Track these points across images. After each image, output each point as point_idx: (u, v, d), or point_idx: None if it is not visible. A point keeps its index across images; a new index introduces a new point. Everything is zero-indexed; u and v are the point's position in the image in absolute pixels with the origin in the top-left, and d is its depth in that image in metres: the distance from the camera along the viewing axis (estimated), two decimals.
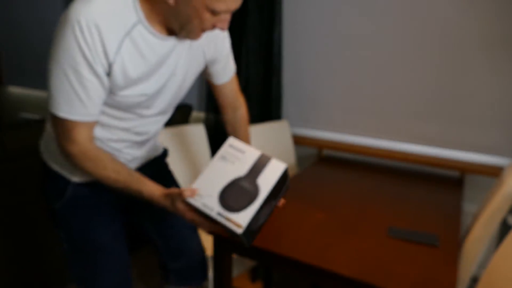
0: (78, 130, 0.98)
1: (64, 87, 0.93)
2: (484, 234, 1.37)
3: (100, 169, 1.00)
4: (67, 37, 0.89)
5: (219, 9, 0.93)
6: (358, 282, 1.07)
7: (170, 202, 1.01)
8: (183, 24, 0.97)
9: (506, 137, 2.02)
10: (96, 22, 0.89)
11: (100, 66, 0.93)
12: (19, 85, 4.14)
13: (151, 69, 1.03)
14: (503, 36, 1.94)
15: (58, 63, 0.91)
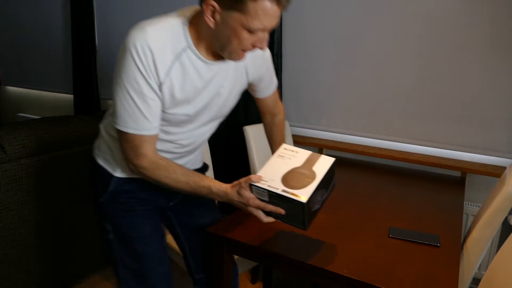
0: (146, 145, 1.08)
1: (129, 107, 1.04)
2: (486, 235, 1.36)
3: (172, 174, 1.10)
4: (127, 61, 1.01)
5: (255, 27, 0.99)
6: (358, 283, 1.06)
7: (237, 191, 1.09)
8: (224, 46, 1.05)
9: (507, 137, 2.01)
10: (150, 45, 1.00)
11: (155, 84, 1.04)
12: (17, 85, 4.13)
13: (196, 92, 1.12)
14: (503, 36, 1.93)
15: (122, 85, 1.03)
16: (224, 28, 1.01)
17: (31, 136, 1.82)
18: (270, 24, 1.01)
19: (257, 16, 0.97)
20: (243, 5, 0.95)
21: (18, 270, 1.85)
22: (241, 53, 1.07)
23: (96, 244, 2.20)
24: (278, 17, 1.01)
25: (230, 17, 0.98)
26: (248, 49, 1.06)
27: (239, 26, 0.99)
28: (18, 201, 1.79)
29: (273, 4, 0.97)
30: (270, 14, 0.98)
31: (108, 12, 3.29)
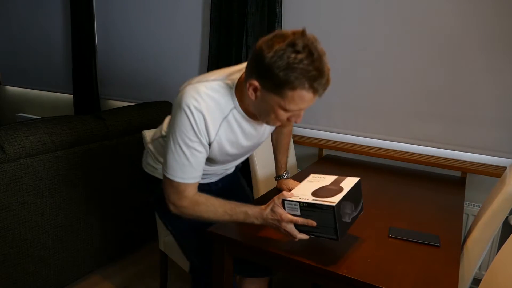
0: (189, 189, 1.21)
1: (180, 158, 1.17)
2: (486, 235, 1.36)
3: (210, 207, 1.21)
4: (182, 119, 1.15)
5: (291, 109, 1.10)
6: (358, 283, 1.06)
7: (270, 209, 1.17)
8: (262, 115, 1.19)
9: (508, 137, 2.01)
10: (202, 110, 1.15)
11: (205, 142, 1.19)
12: (17, 85, 4.13)
13: (240, 144, 1.30)
14: (503, 36, 1.93)
15: (175, 139, 1.17)
16: (264, 104, 1.12)
17: (30, 136, 1.81)
18: (307, 106, 1.11)
19: (294, 101, 1.07)
20: (281, 92, 1.06)
21: (18, 270, 1.84)
22: (277, 123, 1.20)
23: (96, 244, 2.20)
24: (313, 100, 1.10)
25: (270, 97, 1.09)
26: (284, 122, 1.19)
27: (277, 106, 1.10)
28: (17, 201, 1.79)
29: (309, 93, 1.06)
30: (306, 100, 1.08)
31: (108, 12, 3.29)
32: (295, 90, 1.04)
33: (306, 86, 1.04)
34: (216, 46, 2.65)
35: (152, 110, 2.46)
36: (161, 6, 3.00)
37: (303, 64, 1.02)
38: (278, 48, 1.02)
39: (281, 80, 1.03)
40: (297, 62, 1.02)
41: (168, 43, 3.03)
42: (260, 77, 1.08)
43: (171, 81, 3.08)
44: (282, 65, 1.02)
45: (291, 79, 1.03)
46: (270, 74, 1.04)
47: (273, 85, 1.06)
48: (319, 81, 1.06)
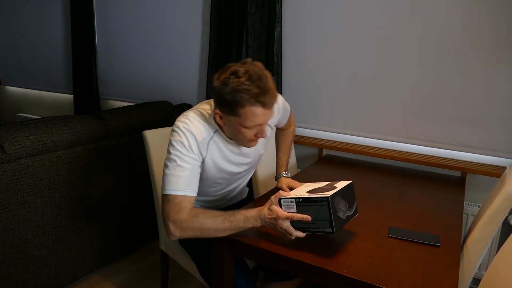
0: (185, 202, 1.26)
1: (176, 172, 1.27)
2: (486, 235, 1.36)
3: (209, 214, 1.25)
4: (175, 139, 1.29)
5: (250, 126, 1.25)
6: (358, 283, 1.06)
7: (268, 207, 1.22)
8: (233, 137, 1.35)
9: (507, 137, 2.01)
10: (193, 132, 1.30)
11: (197, 157, 1.32)
12: (17, 85, 4.13)
13: (233, 162, 1.43)
14: (504, 36, 1.93)
15: (172, 158, 1.28)
16: (230, 127, 1.30)
17: (31, 136, 1.81)
18: (262, 120, 1.26)
19: (248, 117, 1.23)
20: (235, 112, 1.23)
21: (18, 270, 1.84)
22: (249, 142, 1.34)
23: (96, 244, 2.20)
24: (268, 114, 1.26)
25: (230, 120, 1.27)
26: (253, 140, 1.33)
27: (238, 125, 1.27)
28: (18, 201, 1.79)
29: (258, 107, 1.22)
30: (258, 115, 1.23)
31: (108, 12, 3.29)
32: (244, 107, 1.21)
33: (252, 102, 1.20)
34: (216, 46, 2.65)
35: (152, 110, 2.46)
36: (161, 7, 3.00)
37: (244, 85, 1.19)
38: (223, 78, 1.23)
39: (230, 102, 1.22)
40: (239, 84, 1.19)
41: (168, 43, 3.03)
42: (218, 105, 1.27)
43: (171, 81, 3.08)
44: (228, 90, 1.21)
45: (237, 99, 1.20)
46: (222, 100, 1.23)
47: (228, 109, 1.24)
48: (263, 96, 1.20)
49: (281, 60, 2.48)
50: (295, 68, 2.50)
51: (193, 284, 2.21)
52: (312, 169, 2.05)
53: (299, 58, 2.48)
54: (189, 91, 2.99)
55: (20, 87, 4.12)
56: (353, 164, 2.19)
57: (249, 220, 1.23)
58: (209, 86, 2.73)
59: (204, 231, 1.24)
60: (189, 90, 3.00)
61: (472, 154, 2.11)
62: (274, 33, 2.43)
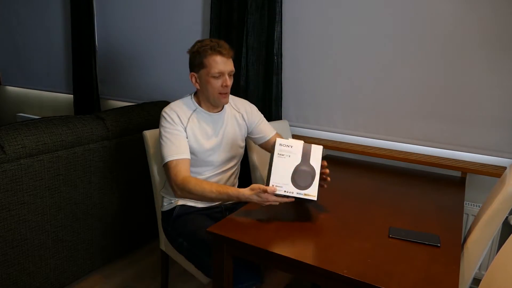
0: (180, 165, 1.54)
1: (166, 143, 1.57)
2: (486, 235, 1.36)
3: (199, 183, 1.50)
4: (161, 121, 1.62)
5: (215, 72, 1.57)
6: (358, 283, 1.06)
7: (256, 194, 1.38)
8: (208, 94, 1.63)
9: (508, 137, 2.01)
10: (175, 109, 1.63)
11: (181, 128, 1.61)
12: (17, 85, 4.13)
13: (209, 134, 1.67)
14: (503, 36, 1.93)
15: (162, 135, 1.59)
16: (202, 83, 1.62)
17: (31, 136, 1.81)
18: (224, 68, 1.58)
19: (212, 66, 1.57)
20: (203, 64, 1.58)
21: (18, 270, 1.85)
22: (221, 96, 1.62)
23: (96, 244, 2.20)
24: (228, 63, 1.59)
25: (201, 75, 1.61)
26: (221, 90, 1.60)
27: (208, 77, 1.59)
28: (17, 201, 1.79)
29: (217, 55, 1.57)
30: (220, 62, 1.57)
31: (108, 12, 3.29)
32: (207, 57, 1.57)
33: (212, 52, 1.56)
34: None
35: (152, 110, 2.46)
36: (161, 6, 3.00)
37: (205, 43, 1.58)
38: (192, 46, 1.63)
39: (197, 58, 1.59)
40: (202, 45, 1.59)
41: (168, 43, 3.03)
42: (192, 68, 1.63)
43: (171, 81, 3.08)
44: (195, 49, 1.60)
45: (202, 53, 1.57)
46: (192, 60, 1.62)
47: (197, 65, 1.60)
48: (220, 47, 1.56)
49: (281, 60, 2.47)
50: (295, 68, 2.50)
51: (193, 284, 2.21)
52: None
53: (299, 58, 2.48)
54: (189, 91, 2.99)
55: (20, 87, 4.12)
56: (353, 164, 2.19)
57: (232, 197, 1.44)
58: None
59: (195, 196, 1.51)
60: (189, 90, 2.98)
61: (472, 154, 2.11)
62: (274, 33, 2.43)
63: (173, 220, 1.70)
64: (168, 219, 1.74)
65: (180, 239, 1.66)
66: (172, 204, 1.72)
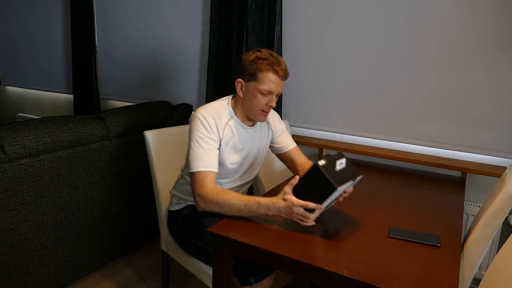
0: (208, 178, 1.46)
1: (198, 151, 1.48)
2: (486, 235, 1.36)
3: (227, 195, 1.41)
4: (197, 124, 1.50)
5: (265, 90, 1.49)
6: (358, 283, 1.06)
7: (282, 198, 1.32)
8: (249, 107, 1.55)
9: (508, 137, 2.01)
10: (212, 115, 1.52)
11: (216, 138, 1.52)
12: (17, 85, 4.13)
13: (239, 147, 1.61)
14: (503, 36, 1.93)
15: (194, 140, 1.50)
16: (247, 94, 1.54)
17: (31, 136, 1.81)
18: (275, 88, 1.51)
19: (265, 82, 1.49)
20: (256, 76, 1.49)
21: (18, 270, 1.84)
22: (261, 113, 1.55)
23: (96, 244, 2.20)
24: (280, 84, 1.52)
25: (249, 86, 1.52)
26: (264, 108, 1.54)
27: (255, 91, 1.51)
28: (17, 201, 1.79)
29: (273, 74, 1.49)
30: (273, 81, 1.49)
31: (108, 12, 3.29)
32: (263, 72, 1.48)
33: (269, 68, 1.48)
34: (216, 46, 2.65)
35: (152, 110, 2.46)
36: (161, 6, 3.00)
37: (265, 56, 1.50)
38: (248, 53, 1.54)
39: (253, 68, 1.49)
40: (261, 55, 1.50)
41: (168, 43, 3.03)
42: (242, 74, 1.53)
43: (171, 81, 3.08)
44: (252, 58, 1.50)
45: (259, 66, 1.48)
46: (246, 68, 1.51)
47: (249, 75, 1.51)
48: (278, 66, 1.49)
49: None
50: (295, 68, 2.50)
51: (193, 284, 2.21)
52: None
53: (299, 58, 2.48)
54: (189, 91, 2.99)
55: (20, 87, 4.12)
56: (353, 164, 2.18)
57: (262, 206, 1.34)
58: (209, 86, 2.73)
59: (221, 206, 1.40)
60: (189, 90, 3.00)
61: (472, 154, 2.11)
62: (274, 33, 2.43)
63: (182, 219, 1.69)
64: (176, 218, 1.72)
65: (188, 237, 1.65)
66: (181, 204, 1.71)
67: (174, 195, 1.75)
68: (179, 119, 2.64)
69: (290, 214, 1.30)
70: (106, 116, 2.19)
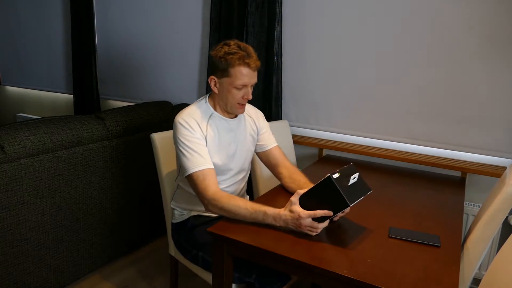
0: (208, 177, 1.44)
1: (188, 153, 1.47)
2: (486, 235, 1.36)
3: (232, 201, 1.39)
4: (180, 129, 1.49)
5: (239, 84, 1.47)
6: (358, 283, 1.06)
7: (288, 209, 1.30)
8: (226, 102, 1.54)
9: (507, 137, 2.01)
10: (193, 116, 1.53)
11: (201, 136, 1.51)
12: (17, 85, 4.13)
13: (226, 142, 1.58)
14: (504, 36, 1.93)
15: (181, 144, 1.48)
16: (223, 90, 1.52)
17: (31, 136, 1.81)
18: (249, 81, 1.49)
19: (237, 77, 1.47)
20: (228, 72, 1.47)
21: (18, 270, 1.84)
22: (238, 106, 1.54)
23: (96, 244, 2.20)
24: (254, 76, 1.49)
25: (223, 82, 1.50)
26: (240, 101, 1.52)
27: (230, 86, 1.49)
28: (17, 201, 1.79)
29: (245, 68, 1.46)
30: (245, 74, 1.47)
31: (108, 12, 3.29)
32: (234, 67, 1.45)
33: (240, 63, 1.45)
34: None
35: (152, 110, 2.46)
36: (161, 6, 3.00)
37: (234, 49, 1.46)
38: (217, 48, 1.50)
39: (223, 64, 1.46)
40: (229, 50, 1.46)
41: (168, 43, 3.03)
42: (214, 71, 1.51)
43: (171, 81, 3.08)
44: (221, 54, 1.46)
45: (229, 61, 1.45)
46: (216, 65, 1.48)
47: (221, 71, 1.48)
48: (249, 58, 1.45)
49: (281, 60, 2.47)
50: (295, 68, 2.50)
51: (198, 283, 2.21)
52: (312, 169, 2.05)
53: (299, 58, 2.48)
54: (189, 91, 2.99)
55: (20, 87, 4.12)
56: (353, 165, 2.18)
57: (268, 217, 1.32)
58: (209, 86, 2.72)
59: (226, 212, 1.39)
60: (189, 90, 3.00)
61: (472, 154, 2.11)
62: (274, 33, 2.43)
63: (187, 232, 1.65)
64: (180, 230, 1.68)
65: (195, 250, 1.61)
66: (184, 215, 1.67)
67: (175, 208, 1.72)
68: None
69: (299, 226, 1.28)
70: (106, 116, 2.19)
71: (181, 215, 1.68)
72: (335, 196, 1.22)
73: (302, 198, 1.29)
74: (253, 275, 1.44)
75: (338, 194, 1.21)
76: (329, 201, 1.24)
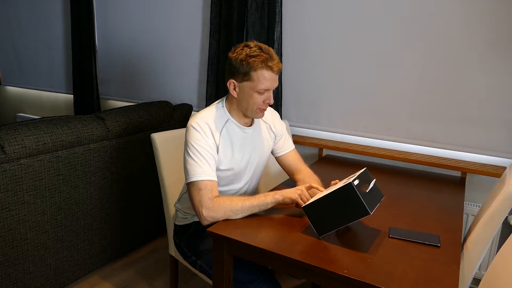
0: (210, 186, 1.40)
1: (195, 157, 1.42)
2: (486, 235, 1.36)
3: (234, 201, 1.38)
4: (193, 133, 1.44)
5: (261, 89, 1.42)
6: (358, 283, 1.06)
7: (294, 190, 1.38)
8: (246, 107, 1.48)
9: (508, 137, 2.01)
10: (207, 121, 1.46)
11: (212, 144, 1.45)
12: (17, 85, 4.13)
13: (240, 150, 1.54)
14: (504, 36, 1.93)
15: (191, 148, 1.43)
16: (243, 95, 1.46)
17: (31, 136, 1.81)
18: (271, 85, 1.44)
19: (260, 80, 1.41)
20: (250, 76, 1.42)
21: (18, 270, 1.85)
22: (259, 111, 1.49)
23: (96, 244, 2.20)
24: (276, 79, 1.45)
25: (244, 86, 1.45)
26: (261, 106, 1.47)
27: (251, 90, 1.44)
28: (17, 201, 1.79)
29: (268, 72, 1.41)
30: (268, 78, 1.42)
31: (108, 12, 3.29)
32: (256, 71, 1.40)
33: (263, 66, 1.40)
34: (216, 46, 2.65)
35: (152, 110, 2.46)
36: (161, 6, 3.00)
37: (256, 52, 1.40)
38: (237, 50, 1.44)
39: (244, 68, 1.41)
40: (251, 53, 1.40)
41: (168, 43, 3.03)
42: (233, 75, 1.45)
43: (171, 81, 3.08)
44: (243, 57, 1.41)
45: (251, 64, 1.40)
46: (237, 68, 1.42)
47: (242, 75, 1.42)
48: (272, 61, 1.41)
49: (281, 60, 2.48)
50: (295, 68, 2.50)
51: (195, 284, 2.21)
52: (312, 169, 2.05)
53: (299, 58, 2.48)
54: (189, 91, 3.00)
55: (20, 87, 4.12)
56: (354, 164, 2.19)
57: (268, 194, 1.38)
58: (209, 86, 2.73)
59: (232, 211, 1.37)
60: (189, 90, 3.00)
61: (472, 154, 2.11)
62: (274, 33, 2.43)
63: (189, 237, 1.63)
64: (182, 234, 1.67)
65: (194, 257, 1.60)
66: (188, 219, 1.65)
67: (179, 209, 1.69)
68: (179, 119, 2.64)
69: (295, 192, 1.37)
70: (106, 116, 2.19)
71: (184, 218, 1.66)
72: (354, 203, 1.19)
73: (315, 204, 1.26)
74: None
75: (358, 202, 1.18)
76: (347, 209, 1.21)
